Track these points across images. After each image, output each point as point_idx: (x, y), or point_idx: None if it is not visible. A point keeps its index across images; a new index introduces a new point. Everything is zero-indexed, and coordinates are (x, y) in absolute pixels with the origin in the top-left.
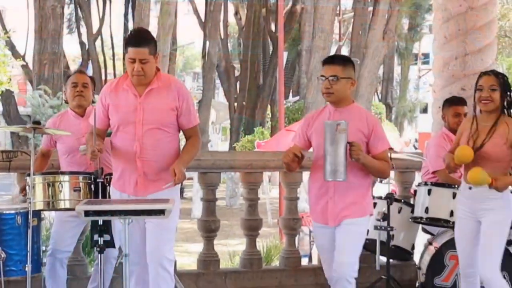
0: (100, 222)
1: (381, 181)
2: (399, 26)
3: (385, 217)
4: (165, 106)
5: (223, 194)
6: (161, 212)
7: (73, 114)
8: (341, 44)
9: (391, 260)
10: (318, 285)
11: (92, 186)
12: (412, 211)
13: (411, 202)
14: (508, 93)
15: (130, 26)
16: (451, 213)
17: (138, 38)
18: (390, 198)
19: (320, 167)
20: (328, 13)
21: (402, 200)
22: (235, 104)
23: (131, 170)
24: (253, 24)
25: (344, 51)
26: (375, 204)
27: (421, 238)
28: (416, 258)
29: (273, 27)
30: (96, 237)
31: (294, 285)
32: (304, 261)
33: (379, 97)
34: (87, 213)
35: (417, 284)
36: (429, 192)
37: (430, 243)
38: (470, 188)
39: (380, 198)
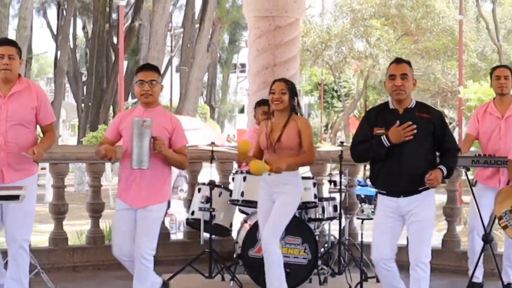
0: None
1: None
2: (221, 40)
3: (208, 200)
4: (26, 106)
5: (72, 182)
6: (16, 197)
7: None
8: (173, 55)
9: (213, 236)
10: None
11: None
12: (231, 195)
13: (230, 187)
14: (295, 97)
15: None
16: None
17: (7, 40)
18: (212, 184)
19: (129, 157)
20: (162, 28)
21: (222, 186)
22: (82, 105)
23: None
24: (98, 37)
25: (175, 61)
26: (199, 189)
27: (238, 217)
28: (234, 234)
29: (115, 40)
30: None
31: None
32: None
33: (204, 100)
34: None
35: (234, 255)
36: (244, 179)
37: (245, 221)
38: (269, 174)
39: (203, 184)
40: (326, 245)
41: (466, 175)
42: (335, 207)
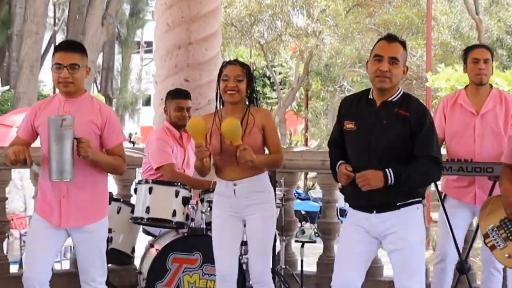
0: None
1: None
2: (120, 12)
3: None
4: None
5: None
6: None
7: None
8: (56, 29)
9: (109, 265)
10: None
11: None
12: (132, 211)
13: (131, 201)
14: (252, 85)
15: None
16: (174, 213)
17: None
18: (109, 197)
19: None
20: None
21: (121, 200)
22: None
23: None
24: None
25: (60, 38)
26: None
27: (142, 240)
28: (137, 262)
29: None
30: None
31: None
32: (14, 268)
33: (98, 88)
34: None
35: None
36: (150, 190)
37: (151, 245)
38: (235, 184)
39: None
40: None
41: (436, 186)
42: None
